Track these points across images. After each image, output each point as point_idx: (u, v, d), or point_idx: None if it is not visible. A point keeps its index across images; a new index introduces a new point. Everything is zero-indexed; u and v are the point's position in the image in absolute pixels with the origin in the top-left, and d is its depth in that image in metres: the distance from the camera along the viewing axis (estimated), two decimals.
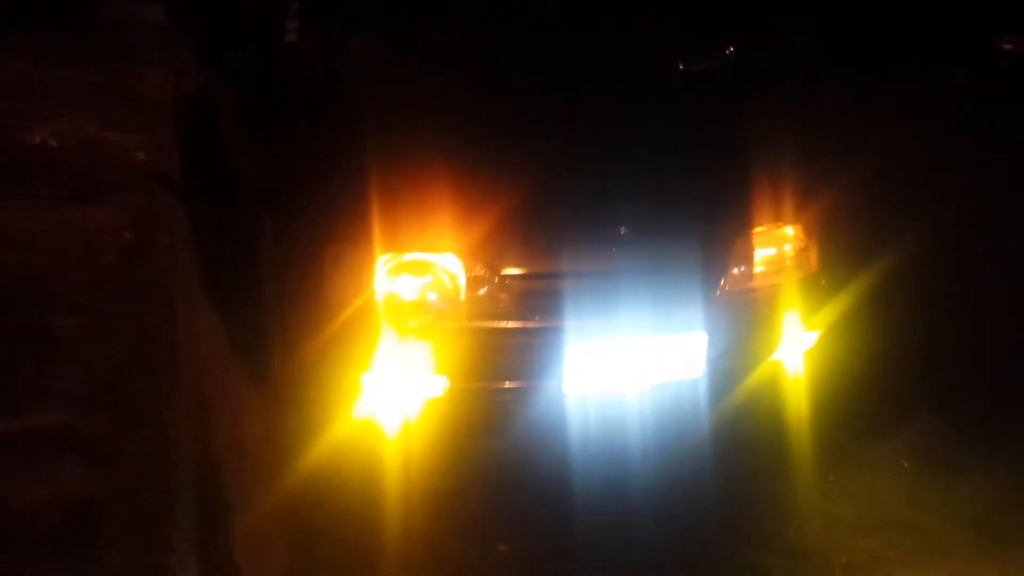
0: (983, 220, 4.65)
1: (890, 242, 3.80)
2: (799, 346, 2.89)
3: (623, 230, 2.63)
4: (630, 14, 3.77)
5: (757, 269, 2.84)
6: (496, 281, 2.52)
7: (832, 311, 2.99)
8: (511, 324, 2.53)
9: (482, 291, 2.53)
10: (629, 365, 2.60)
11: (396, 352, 2.51)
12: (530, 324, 2.53)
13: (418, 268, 2.55)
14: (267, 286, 3.21)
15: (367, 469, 2.57)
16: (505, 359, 2.55)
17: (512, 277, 2.54)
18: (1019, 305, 4.03)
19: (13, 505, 2.40)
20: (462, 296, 2.52)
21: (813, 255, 2.94)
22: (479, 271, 2.52)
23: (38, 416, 2.80)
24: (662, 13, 3.81)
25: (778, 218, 2.90)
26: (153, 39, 9.96)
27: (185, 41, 7.51)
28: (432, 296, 2.53)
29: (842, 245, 3.18)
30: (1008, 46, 10.71)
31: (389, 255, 2.54)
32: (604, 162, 2.82)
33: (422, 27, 3.48)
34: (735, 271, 2.80)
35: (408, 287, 2.54)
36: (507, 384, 2.56)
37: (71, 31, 8.41)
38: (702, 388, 2.67)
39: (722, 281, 2.77)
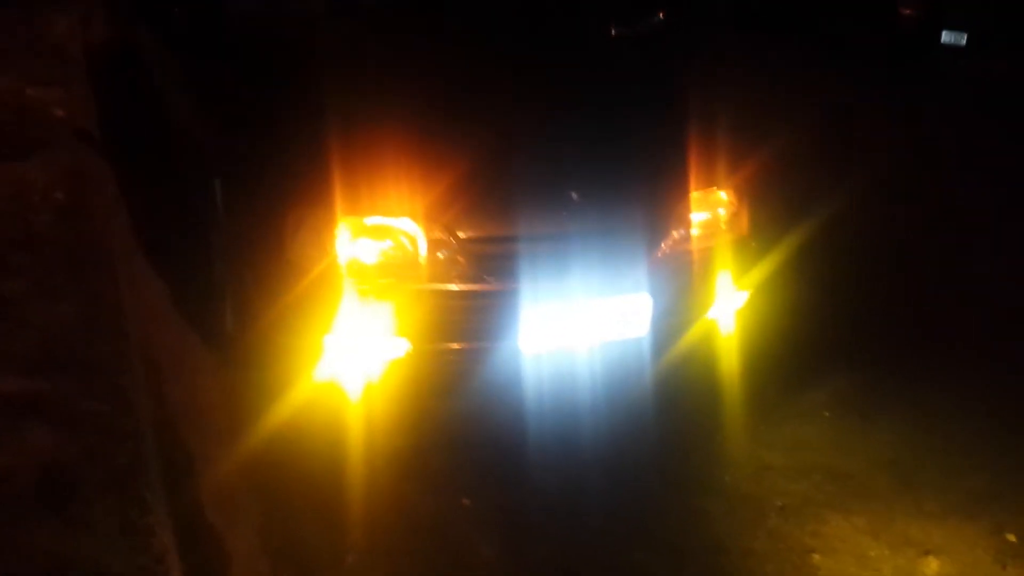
0: (899, 180, 4.94)
1: (814, 204, 4.04)
2: (731, 305, 3.08)
3: (574, 195, 2.76)
4: None
5: (693, 232, 3.01)
6: (454, 245, 2.63)
7: (761, 271, 3.19)
8: (469, 287, 2.65)
9: (441, 254, 2.63)
10: (580, 325, 2.75)
11: (358, 314, 2.60)
12: (487, 286, 2.65)
13: (378, 232, 2.63)
14: (218, 249, 3.25)
15: (331, 429, 2.67)
16: (464, 320, 2.67)
17: (469, 241, 2.65)
18: (933, 261, 4.33)
19: None
20: (421, 259, 2.62)
21: (744, 218, 3.12)
22: (437, 235, 2.63)
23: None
24: None
25: (711, 183, 3.07)
26: None
27: None
28: (392, 259, 2.62)
29: (770, 207, 3.37)
30: (906, 11, 11.15)
31: (350, 219, 2.62)
32: (553, 129, 2.94)
33: None
34: (673, 234, 2.97)
35: (369, 250, 2.63)
36: (466, 345, 2.69)
37: None
38: (645, 346, 2.85)
39: (662, 244, 2.94)
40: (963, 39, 11.44)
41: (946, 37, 11.12)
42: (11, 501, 2.34)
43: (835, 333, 3.58)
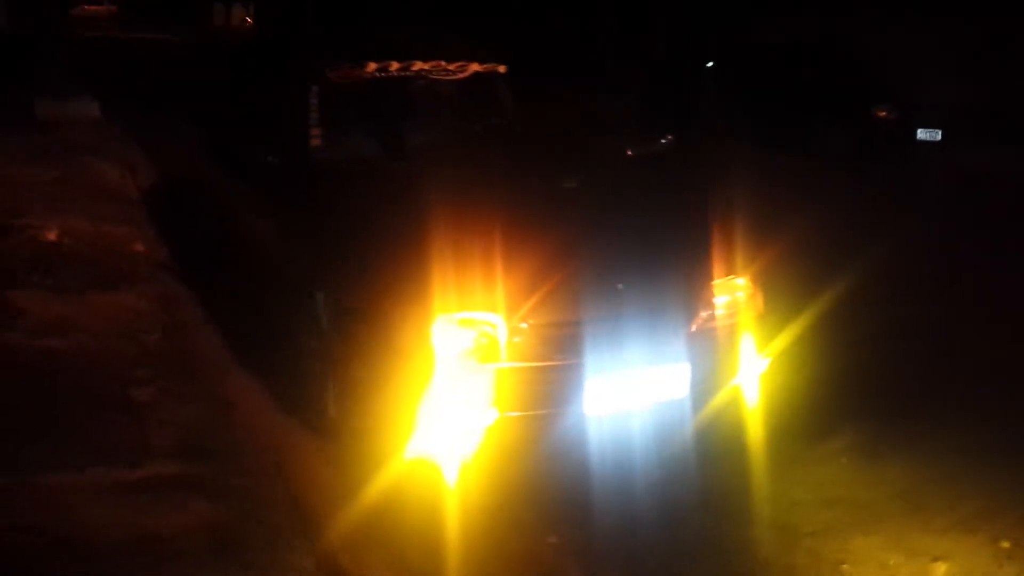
0: (889, 270, 5.63)
1: (817, 289, 4.72)
2: (754, 371, 3.70)
3: (620, 286, 3.41)
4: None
5: (718, 312, 3.66)
6: (528, 330, 3.26)
7: (777, 343, 3.82)
8: (542, 363, 3.27)
9: (518, 339, 3.26)
10: (631, 390, 3.36)
11: (454, 391, 3.21)
12: (556, 362, 3.28)
13: (468, 324, 3.27)
14: (317, 351, 3.86)
15: (433, 487, 3.23)
16: (538, 391, 3.28)
17: (539, 326, 3.28)
18: (927, 332, 4.95)
19: (163, 531, 2.99)
20: (503, 344, 3.25)
21: (759, 299, 3.77)
22: (515, 323, 3.26)
23: (156, 466, 3.39)
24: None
25: (731, 271, 3.73)
26: (93, 133, 10.59)
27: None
28: (479, 345, 3.24)
29: (780, 290, 4.02)
30: (881, 113, 12.09)
31: (444, 314, 3.25)
32: (598, 236, 3.62)
33: None
34: (702, 314, 3.61)
35: (460, 339, 3.26)
36: (541, 411, 3.29)
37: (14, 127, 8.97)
38: (686, 406, 3.45)
39: (693, 322, 3.57)
40: (938, 135, 12.36)
41: (921, 134, 12.02)
42: (191, 554, 2.90)
43: (846, 393, 4.15)
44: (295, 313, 4.10)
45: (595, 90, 8.95)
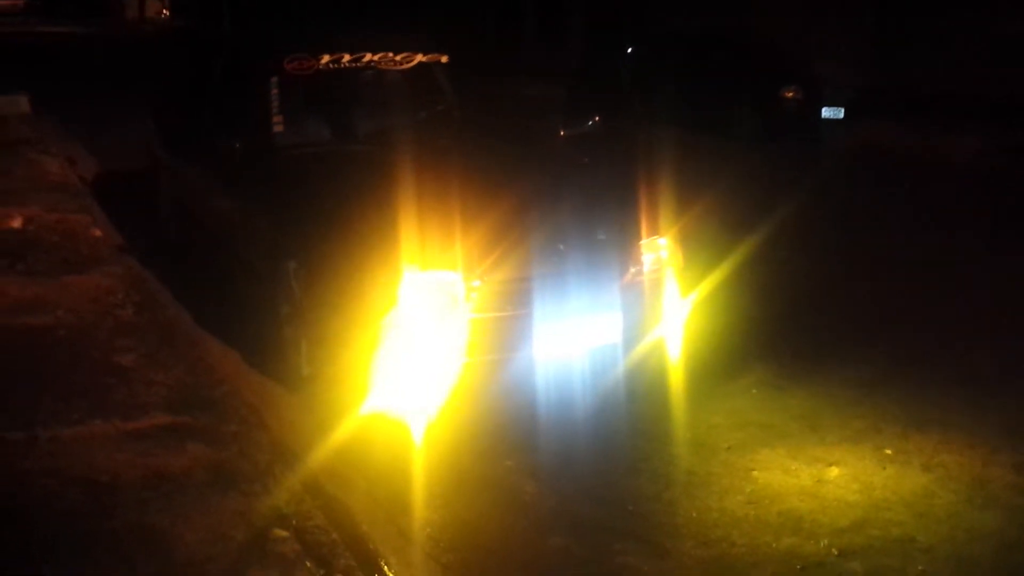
0: (787, 232, 6.29)
1: (728, 248, 5.34)
2: (677, 318, 4.27)
3: (562, 247, 3.94)
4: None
5: (645, 267, 4.21)
6: (485, 286, 3.76)
7: (699, 294, 4.40)
8: (496, 314, 3.78)
9: (476, 294, 3.76)
10: (573, 336, 3.90)
11: (422, 340, 3.70)
12: (509, 313, 3.79)
13: (432, 281, 3.75)
14: (289, 316, 4.29)
15: (402, 424, 3.71)
16: (494, 339, 3.79)
17: (494, 282, 3.79)
18: (813, 287, 5.61)
19: (168, 470, 3.42)
20: (462, 298, 3.74)
21: (680, 256, 4.34)
22: (472, 280, 3.75)
23: (152, 418, 3.81)
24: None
25: (655, 232, 4.29)
26: (27, 128, 10.76)
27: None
28: (443, 299, 3.73)
29: (697, 249, 4.60)
30: (789, 94, 12.86)
31: (411, 273, 3.73)
32: (542, 203, 4.14)
33: None
34: (632, 269, 4.16)
35: (426, 294, 3.74)
36: (497, 356, 3.81)
37: None
38: (619, 349, 4.00)
39: (624, 277, 4.12)
40: (840, 113, 13.21)
41: (826, 112, 12.84)
42: (196, 487, 3.33)
43: (754, 336, 4.77)
44: (266, 283, 4.52)
45: (526, 79, 9.52)
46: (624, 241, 4.19)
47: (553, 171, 4.66)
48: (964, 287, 5.83)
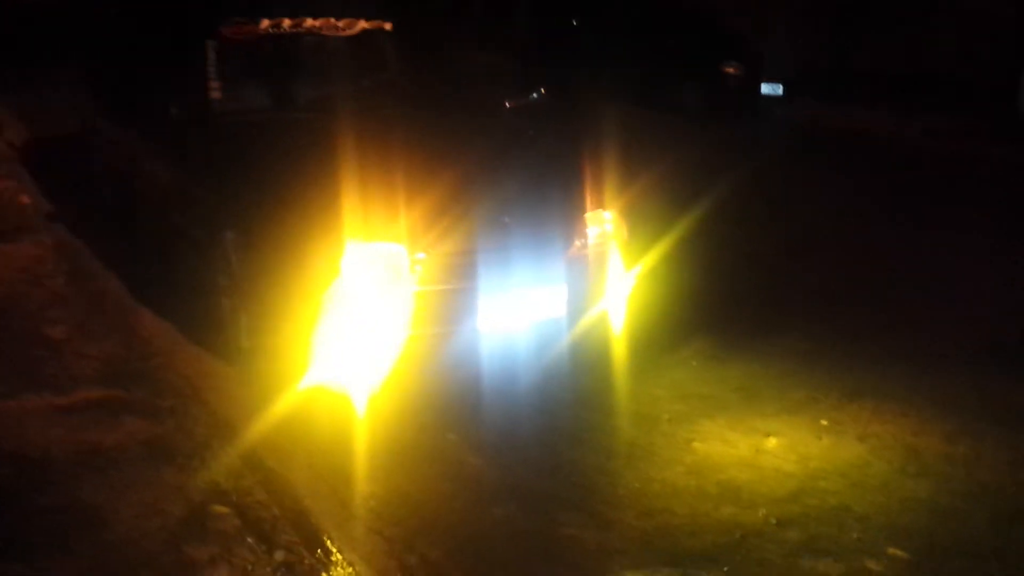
0: (728, 208, 6.37)
1: (671, 222, 5.38)
2: (620, 291, 4.28)
3: (507, 220, 3.91)
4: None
5: (590, 240, 4.21)
6: (429, 259, 3.72)
7: (642, 267, 4.42)
8: (441, 287, 3.75)
9: (420, 266, 3.72)
10: (517, 309, 3.88)
11: (365, 312, 3.65)
12: (453, 286, 3.76)
13: (375, 253, 3.69)
14: (227, 288, 4.20)
15: (345, 397, 3.67)
16: (438, 312, 3.76)
17: (438, 255, 3.75)
18: (752, 262, 5.69)
19: (102, 445, 3.33)
20: (406, 271, 3.70)
21: (624, 229, 4.35)
22: (417, 252, 3.71)
23: (84, 392, 3.71)
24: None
25: (600, 205, 4.28)
26: None
27: None
28: (386, 272, 3.68)
29: (641, 223, 4.61)
30: (730, 70, 13.01)
31: (354, 244, 3.67)
32: (487, 176, 4.11)
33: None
34: (576, 242, 4.15)
35: (368, 266, 3.68)
36: (441, 329, 3.78)
37: None
38: (563, 321, 4.00)
39: (569, 249, 4.11)
40: (780, 89, 13.40)
41: (765, 88, 13.02)
42: (131, 462, 3.25)
43: (700, 310, 4.83)
44: (202, 254, 4.41)
45: (472, 49, 9.44)
46: (569, 214, 4.17)
47: (498, 143, 4.60)
48: (901, 265, 5.97)
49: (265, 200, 3.97)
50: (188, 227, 4.60)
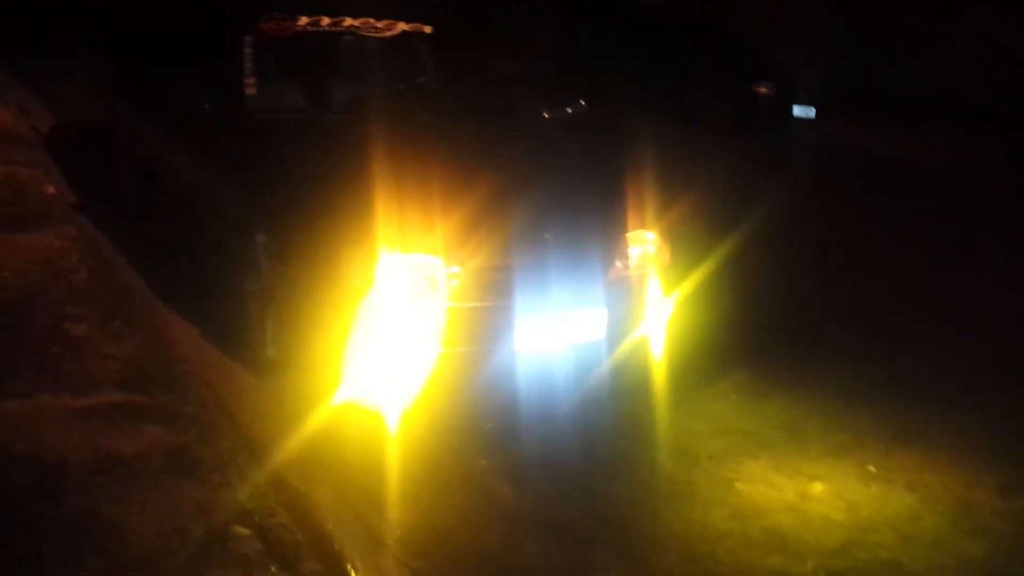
0: (767, 230, 6.20)
1: (708, 245, 5.22)
2: (660, 317, 4.12)
3: (548, 236, 3.76)
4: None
5: (631, 262, 4.05)
6: (465, 273, 3.57)
7: (681, 292, 4.26)
8: (477, 304, 3.59)
9: (456, 281, 3.57)
10: (555, 330, 3.73)
11: (397, 327, 3.50)
12: (490, 303, 3.60)
13: (410, 265, 3.55)
14: (255, 292, 4.05)
15: (376, 416, 3.52)
16: (474, 329, 3.61)
17: (475, 269, 3.60)
18: (791, 289, 5.52)
19: (121, 453, 3.18)
20: (442, 285, 3.55)
21: (667, 251, 4.19)
22: (454, 266, 3.56)
23: (104, 395, 3.56)
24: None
25: (642, 225, 4.13)
26: None
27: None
28: (421, 285, 3.54)
29: (684, 245, 4.45)
30: (762, 90, 12.87)
31: (389, 255, 3.52)
32: (528, 190, 3.95)
33: None
34: (618, 263, 4.00)
35: (403, 279, 3.54)
36: (476, 348, 3.62)
37: None
38: (603, 346, 3.84)
39: (609, 271, 3.96)
40: (812, 112, 13.24)
41: (798, 111, 12.85)
42: (152, 473, 3.11)
43: (739, 338, 4.66)
44: (230, 256, 4.27)
45: (502, 54, 9.32)
46: (611, 232, 4.02)
47: (539, 155, 4.46)
48: (938, 296, 5.79)
49: (298, 204, 3.83)
50: (216, 227, 4.47)
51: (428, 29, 5.30)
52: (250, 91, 4.52)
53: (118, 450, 3.20)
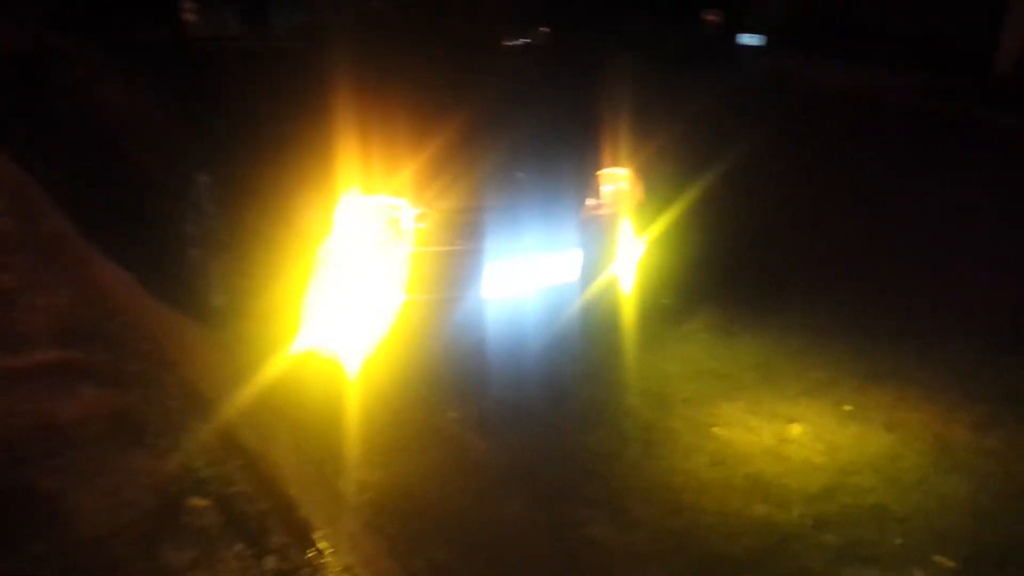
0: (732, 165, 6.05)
1: (689, 183, 5.04)
2: (632, 257, 3.94)
3: (519, 175, 3.53)
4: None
5: (603, 200, 3.84)
6: (432, 215, 3.33)
7: (654, 231, 4.08)
8: (444, 248, 3.36)
9: (422, 224, 3.32)
10: (528, 274, 3.52)
11: (359, 274, 3.26)
12: (458, 247, 3.37)
13: (373, 207, 3.29)
14: (197, 236, 3.77)
15: (335, 366, 3.30)
16: (441, 275, 3.38)
17: (444, 212, 3.35)
18: (757, 225, 5.39)
19: (59, 419, 2.92)
20: (407, 228, 3.30)
21: (640, 189, 3.99)
22: (419, 208, 3.31)
23: (38, 353, 3.28)
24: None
25: (615, 162, 3.91)
26: None
27: None
28: (384, 229, 3.29)
29: (657, 182, 4.25)
30: (710, 17, 12.65)
31: (350, 197, 3.26)
32: (497, 125, 3.70)
33: None
34: (589, 202, 3.79)
35: (365, 222, 3.28)
36: (442, 294, 3.40)
37: None
38: (576, 289, 3.66)
39: (583, 210, 3.75)
40: (758, 40, 13.07)
41: (747, 39, 12.68)
42: (94, 441, 2.86)
43: (707, 278, 4.52)
44: (169, 197, 3.96)
45: None
46: (584, 171, 3.80)
47: (505, 88, 4.17)
48: (906, 228, 5.73)
49: (245, 142, 3.53)
50: (154, 166, 4.14)
51: None
52: (188, 17, 4.14)
53: (56, 415, 2.94)
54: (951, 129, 9.10)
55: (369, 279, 3.28)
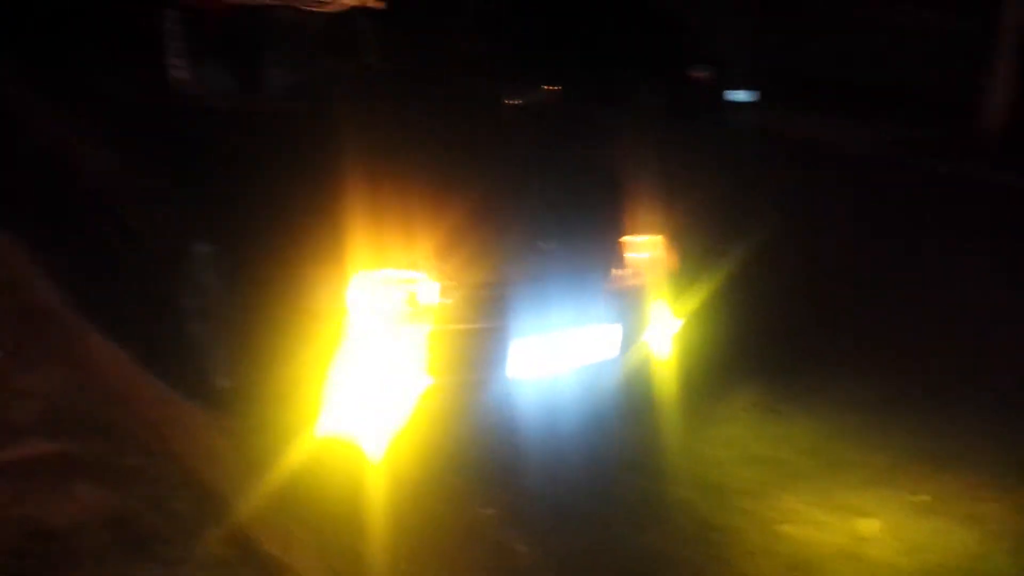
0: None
1: (723, 251, 4.77)
2: (668, 329, 3.65)
3: (543, 246, 3.23)
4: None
5: (635, 270, 3.56)
6: (454, 292, 3.02)
7: (689, 302, 3.80)
8: (469, 326, 3.05)
9: (443, 300, 3.02)
10: (560, 352, 3.22)
11: (375, 355, 2.94)
12: (484, 324, 3.06)
13: (390, 283, 2.99)
14: (197, 311, 3.44)
15: (356, 460, 2.96)
16: (466, 355, 3.06)
17: (466, 288, 3.05)
18: (808, 299, 5.12)
19: (52, 524, 2.56)
20: (425, 305, 2.99)
21: (673, 258, 3.71)
22: (440, 284, 3.01)
23: (26, 445, 2.91)
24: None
25: (646, 230, 3.64)
26: None
27: None
28: (402, 306, 2.98)
29: (690, 250, 3.97)
30: (698, 75, 12.59)
31: (365, 272, 2.96)
32: (520, 190, 3.43)
33: None
34: (621, 272, 3.50)
35: (381, 299, 2.97)
36: (470, 375, 3.08)
37: None
38: (617, 366, 3.35)
39: (615, 281, 3.46)
40: (746, 96, 13.02)
41: (738, 96, 12.61)
42: (92, 552, 2.49)
43: (749, 350, 4.22)
44: (165, 269, 3.64)
45: (463, 34, 8.76)
46: (610, 239, 3.51)
47: (519, 152, 3.90)
48: (929, 296, 5.49)
49: (250, 209, 3.22)
50: (143, 233, 3.82)
51: (379, 3, 4.72)
52: (177, 73, 3.86)
53: (47, 521, 2.57)
54: (950, 188, 8.99)
55: (388, 360, 2.96)
